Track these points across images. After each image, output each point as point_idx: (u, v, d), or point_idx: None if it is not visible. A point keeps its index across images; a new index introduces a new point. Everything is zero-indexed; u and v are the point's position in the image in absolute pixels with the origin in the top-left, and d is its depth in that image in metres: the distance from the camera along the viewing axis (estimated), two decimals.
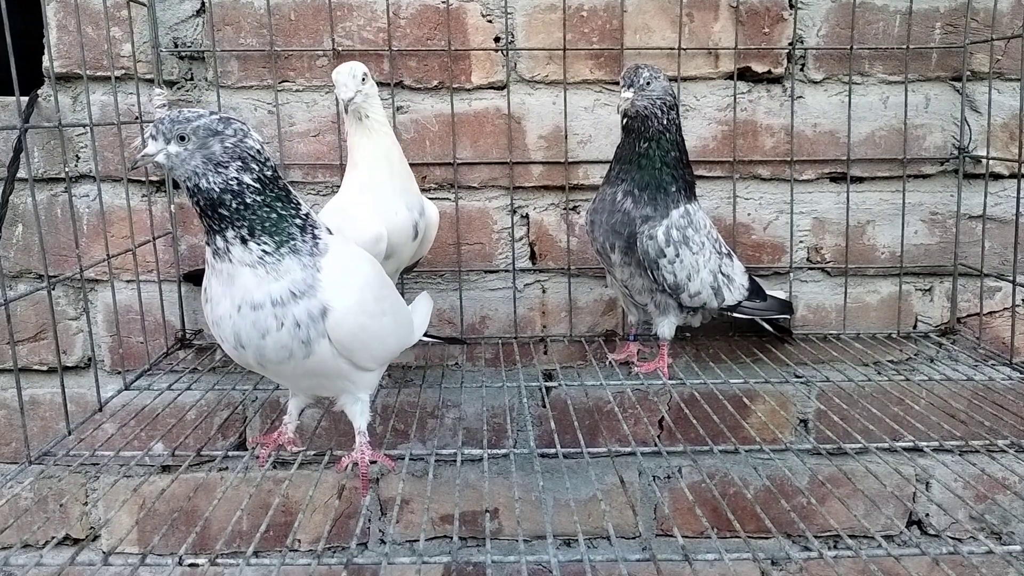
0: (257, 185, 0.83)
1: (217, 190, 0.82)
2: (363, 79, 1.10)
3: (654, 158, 1.16)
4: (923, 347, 1.41)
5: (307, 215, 0.88)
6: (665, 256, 1.16)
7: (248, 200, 0.83)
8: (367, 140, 1.13)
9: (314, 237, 0.87)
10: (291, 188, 0.88)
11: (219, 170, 0.82)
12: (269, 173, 0.85)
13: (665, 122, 1.15)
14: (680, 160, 1.18)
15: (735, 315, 1.27)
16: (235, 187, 0.82)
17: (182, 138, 0.81)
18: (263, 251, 0.83)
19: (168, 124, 0.81)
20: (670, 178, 1.17)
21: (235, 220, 0.83)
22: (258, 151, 0.84)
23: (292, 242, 0.85)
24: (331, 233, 0.91)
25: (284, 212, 0.85)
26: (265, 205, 0.84)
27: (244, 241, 0.83)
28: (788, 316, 1.36)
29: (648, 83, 1.13)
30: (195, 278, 1.37)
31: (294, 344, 0.85)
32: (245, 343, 0.85)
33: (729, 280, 1.24)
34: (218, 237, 0.84)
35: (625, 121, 1.17)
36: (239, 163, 0.82)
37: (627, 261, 1.19)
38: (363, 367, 0.93)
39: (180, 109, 0.84)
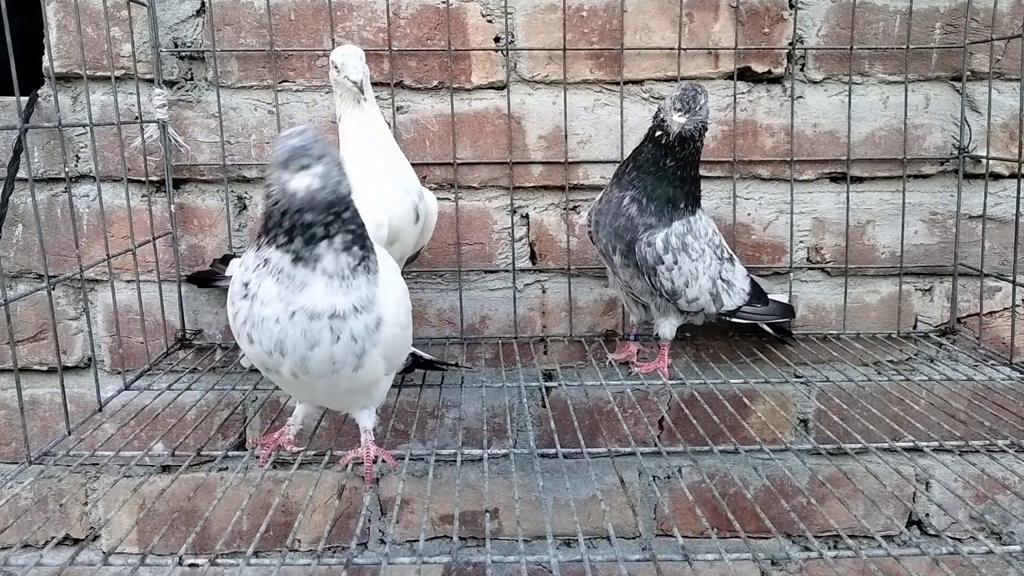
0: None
1: (346, 192, 0.82)
2: (364, 59, 1.12)
3: (675, 175, 1.15)
4: (923, 347, 1.41)
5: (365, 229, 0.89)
6: (663, 263, 1.16)
7: (356, 204, 0.84)
8: (362, 124, 1.13)
9: (374, 252, 0.88)
10: None
11: (345, 175, 0.83)
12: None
13: (699, 144, 1.15)
14: (696, 179, 1.18)
15: (734, 319, 1.27)
16: (352, 190, 0.84)
17: (321, 157, 0.81)
18: (346, 264, 0.83)
19: (315, 150, 0.80)
20: (682, 195, 1.17)
21: (346, 224, 0.83)
22: None
23: (368, 258, 0.86)
24: None
25: (362, 222, 0.86)
26: (357, 213, 0.85)
27: (343, 249, 0.83)
28: (788, 320, 1.36)
29: (701, 107, 1.12)
30: (199, 280, 1.37)
31: (348, 356, 0.85)
32: (288, 351, 0.83)
33: (729, 285, 1.24)
34: (323, 243, 0.82)
35: (659, 135, 1.14)
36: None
37: (627, 264, 1.19)
38: (387, 373, 0.95)
39: (290, 135, 0.81)
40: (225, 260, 1.35)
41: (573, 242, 1.41)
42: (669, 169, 1.15)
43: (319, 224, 0.81)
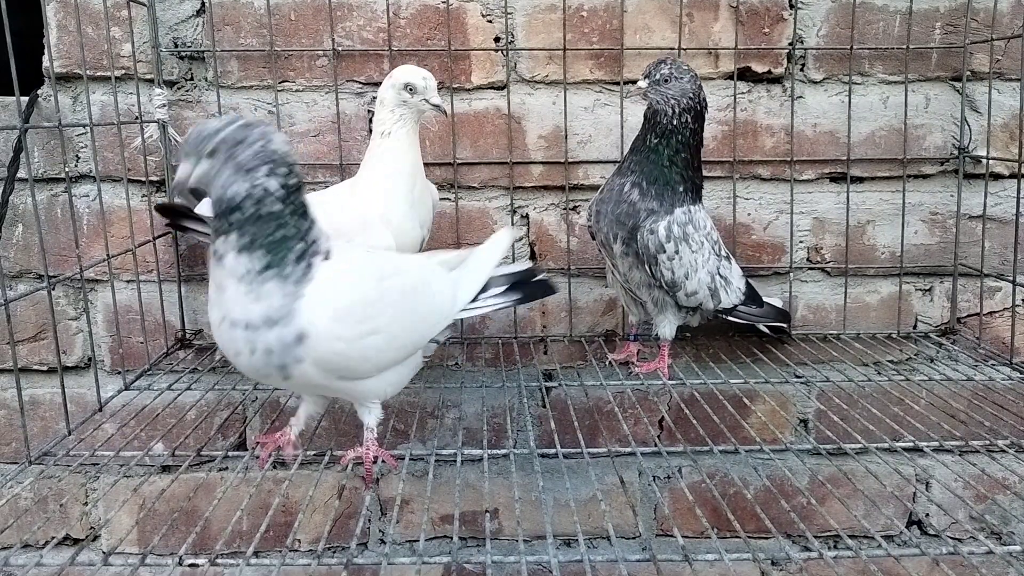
0: (281, 192, 0.82)
1: (241, 194, 0.80)
2: None
3: (662, 154, 1.16)
4: (923, 347, 1.41)
5: (313, 240, 0.85)
6: (665, 252, 1.16)
7: (264, 210, 0.81)
8: (409, 147, 1.14)
9: (308, 265, 0.84)
10: (308, 206, 0.86)
11: (247, 175, 0.80)
12: (294, 181, 0.83)
13: (676, 123, 1.14)
14: (689, 163, 1.17)
15: (730, 319, 1.27)
16: (258, 193, 0.81)
17: (212, 153, 0.80)
18: (247, 268, 0.81)
19: (194, 142, 0.80)
20: (678, 177, 1.17)
21: (243, 226, 0.81)
22: (283, 154, 0.83)
23: (283, 267, 0.82)
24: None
25: (292, 233, 0.83)
26: (278, 219, 0.82)
27: (239, 251, 0.81)
28: (784, 324, 1.35)
29: (665, 80, 1.13)
30: (170, 211, 1.21)
31: (269, 368, 0.84)
32: (230, 354, 0.85)
33: (726, 283, 1.23)
34: (221, 238, 0.82)
35: (646, 110, 1.17)
36: (267, 167, 0.81)
37: (627, 252, 1.19)
38: (359, 378, 0.92)
39: (201, 123, 0.82)
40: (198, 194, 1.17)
41: (573, 242, 1.41)
42: (655, 147, 1.16)
43: (221, 216, 0.82)
